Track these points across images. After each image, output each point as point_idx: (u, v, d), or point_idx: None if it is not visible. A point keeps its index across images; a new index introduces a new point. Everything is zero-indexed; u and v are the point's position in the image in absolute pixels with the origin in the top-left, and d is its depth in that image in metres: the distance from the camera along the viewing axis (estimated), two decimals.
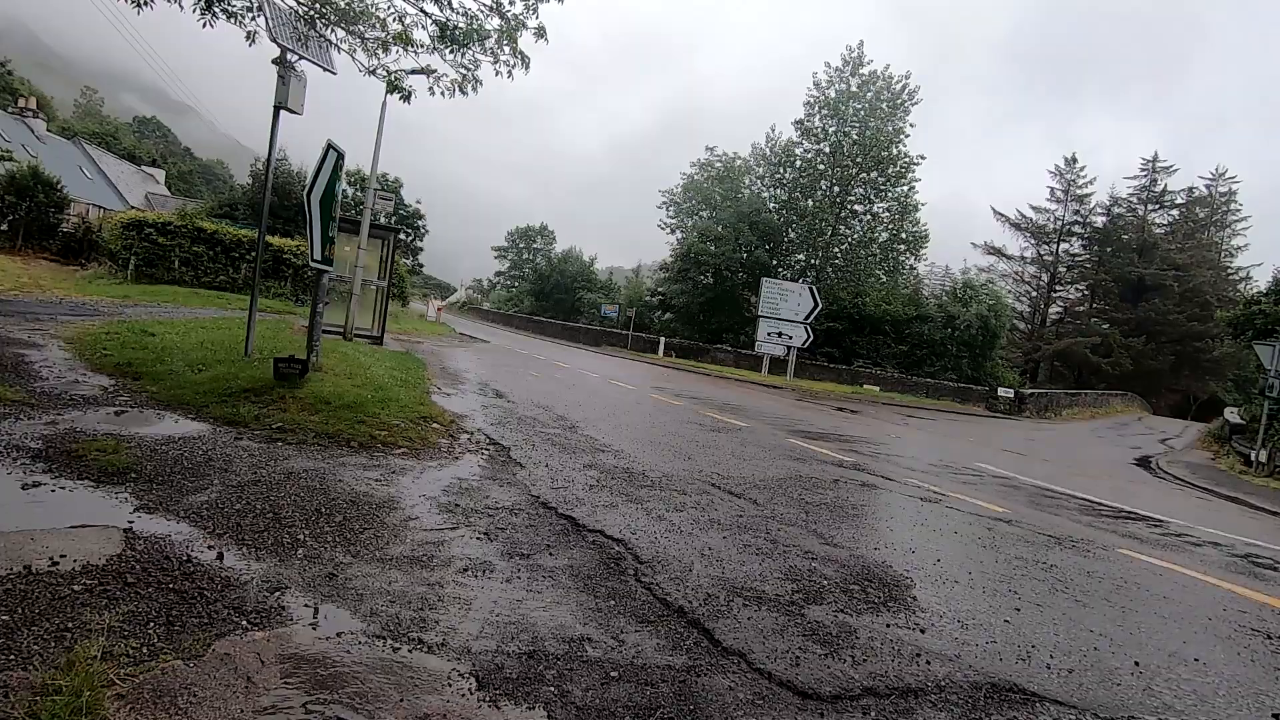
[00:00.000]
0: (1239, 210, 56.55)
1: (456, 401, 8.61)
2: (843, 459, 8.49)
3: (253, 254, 20.17)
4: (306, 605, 2.71)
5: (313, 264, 7.01)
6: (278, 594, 2.75)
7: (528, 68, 6.48)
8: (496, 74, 6.44)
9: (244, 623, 2.51)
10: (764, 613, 3.17)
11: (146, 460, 4.20)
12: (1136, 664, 3.09)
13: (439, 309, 35.79)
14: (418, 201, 47.69)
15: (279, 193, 26.61)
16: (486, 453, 5.94)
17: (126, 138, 63.18)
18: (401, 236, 48.20)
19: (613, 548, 3.83)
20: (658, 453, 7.04)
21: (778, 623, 3.08)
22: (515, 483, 4.99)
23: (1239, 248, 56.52)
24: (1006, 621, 3.43)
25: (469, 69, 6.53)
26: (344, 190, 42.27)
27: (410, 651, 2.48)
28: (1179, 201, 56.45)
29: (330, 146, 6.96)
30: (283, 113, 7.69)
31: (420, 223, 47.98)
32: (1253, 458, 16.15)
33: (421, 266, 52.12)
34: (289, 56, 7.49)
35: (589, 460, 6.11)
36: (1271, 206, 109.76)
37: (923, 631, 3.16)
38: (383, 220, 17.17)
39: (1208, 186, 56.63)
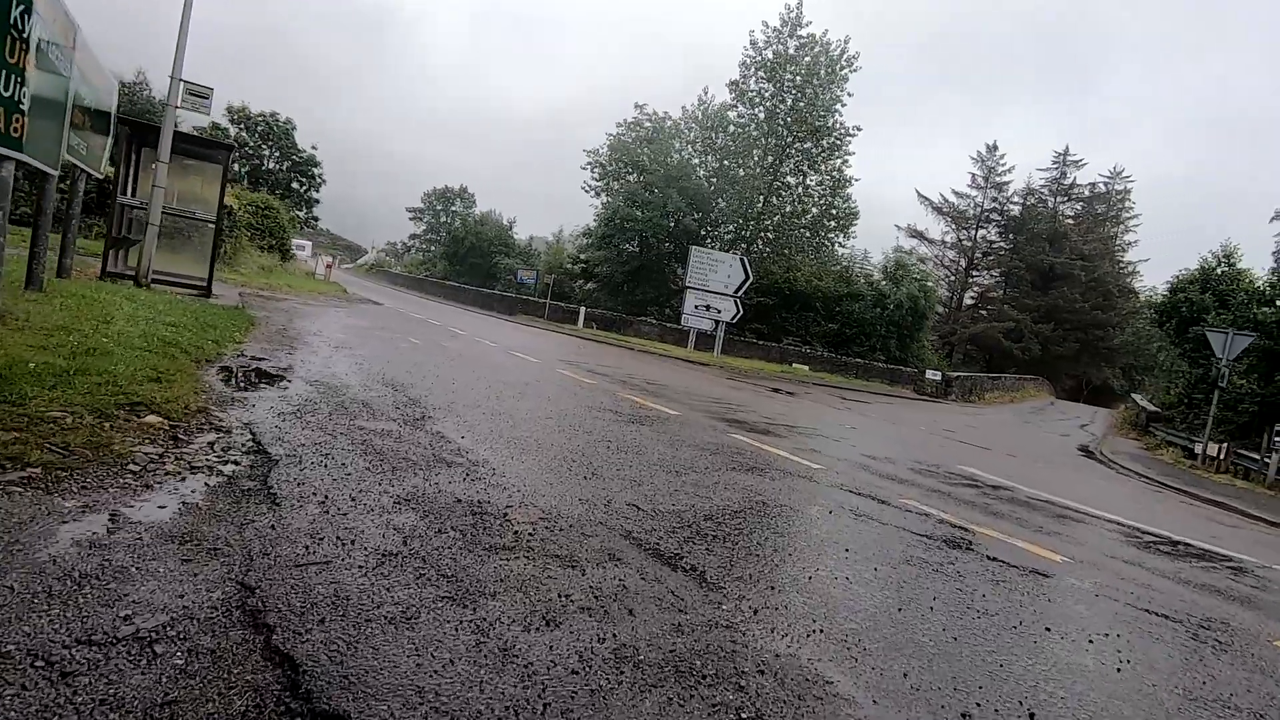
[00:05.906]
0: (1132, 207, 59.18)
1: (254, 377, 5.74)
2: (810, 465, 6.26)
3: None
4: None
5: None
6: None
7: None
8: None
9: None
10: None
11: None
12: None
13: (328, 266, 31.52)
14: (313, 147, 42.30)
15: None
16: (225, 471, 3.24)
17: None
18: (294, 185, 43.16)
19: None
20: (543, 465, 4.51)
21: None
22: (227, 549, 2.34)
23: (1130, 243, 59.25)
24: None
25: None
26: (228, 130, 36.70)
27: None
28: (1084, 195, 58.50)
29: None
30: None
31: (316, 170, 42.67)
32: (1197, 451, 15.38)
33: (317, 220, 46.60)
34: None
35: (415, 485, 3.51)
36: (1157, 203, 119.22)
37: None
38: (197, 132, 13.44)
39: (1106, 184, 58.89)
